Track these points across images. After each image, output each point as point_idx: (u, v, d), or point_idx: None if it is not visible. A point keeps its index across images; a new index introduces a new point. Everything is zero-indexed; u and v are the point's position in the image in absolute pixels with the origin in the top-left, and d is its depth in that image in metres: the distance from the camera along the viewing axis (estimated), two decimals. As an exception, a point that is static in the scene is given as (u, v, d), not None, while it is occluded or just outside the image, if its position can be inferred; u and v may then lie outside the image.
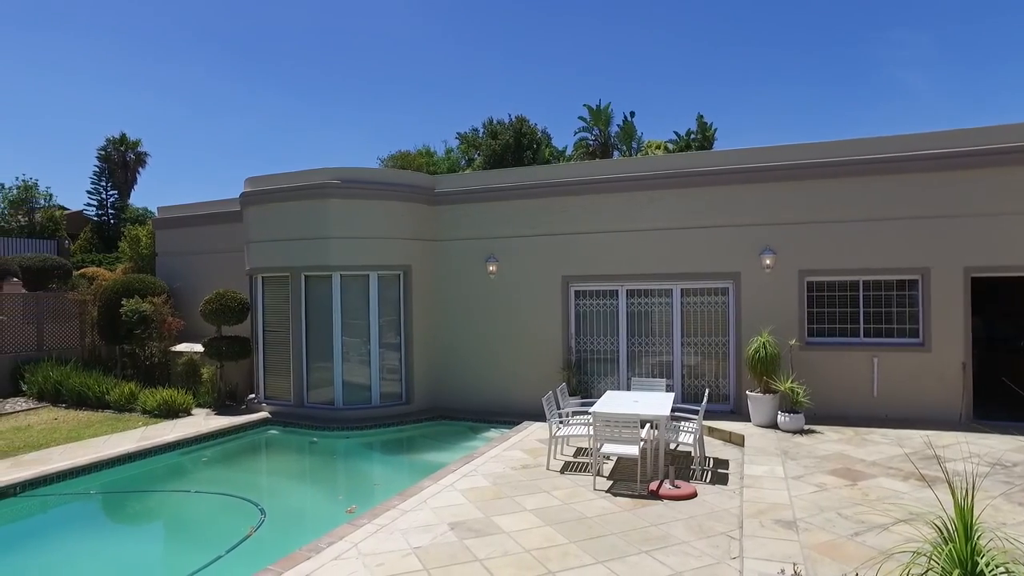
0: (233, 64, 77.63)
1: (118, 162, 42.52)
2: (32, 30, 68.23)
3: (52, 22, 68.63)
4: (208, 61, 75.98)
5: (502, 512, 7.17)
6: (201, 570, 6.60)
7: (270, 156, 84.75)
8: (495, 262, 13.21)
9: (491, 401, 13.20)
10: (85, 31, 70.08)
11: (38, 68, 71.49)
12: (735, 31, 65.04)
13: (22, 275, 18.30)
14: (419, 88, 79.26)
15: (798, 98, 66.22)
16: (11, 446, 10.55)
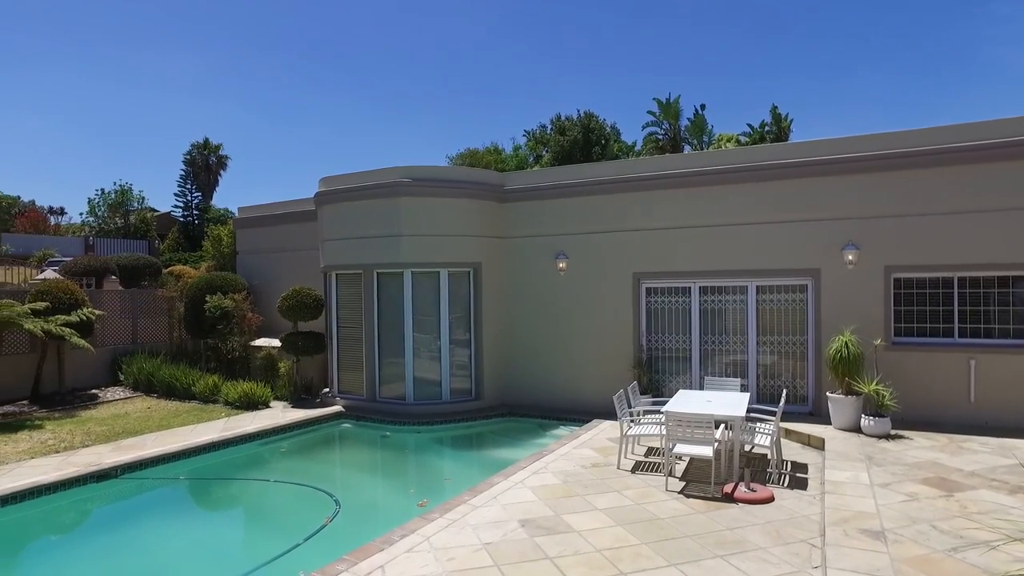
0: (306, 70, 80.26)
1: (201, 165, 44.71)
2: (124, 48, 72.60)
3: (142, 41, 72.81)
4: (282, 68, 78.88)
5: (573, 511, 7.10)
6: (280, 557, 6.82)
7: (342, 156, 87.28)
8: (565, 259, 13.12)
9: (560, 398, 13.13)
10: (172, 48, 74.00)
11: (130, 83, 76.07)
12: (811, 17, 62.48)
13: (119, 273, 19.49)
14: (487, 86, 79.80)
15: (880, 86, 63.12)
16: (112, 431, 11.23)
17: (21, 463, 9.38)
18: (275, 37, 76.71)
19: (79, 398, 14.50)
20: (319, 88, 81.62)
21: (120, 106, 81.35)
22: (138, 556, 7.32)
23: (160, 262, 22.91)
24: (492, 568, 5.68)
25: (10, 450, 10.10)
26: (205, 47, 75.75)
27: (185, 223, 42.51)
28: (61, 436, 10.97)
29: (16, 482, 8.45)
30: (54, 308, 13.59)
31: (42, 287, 14.35)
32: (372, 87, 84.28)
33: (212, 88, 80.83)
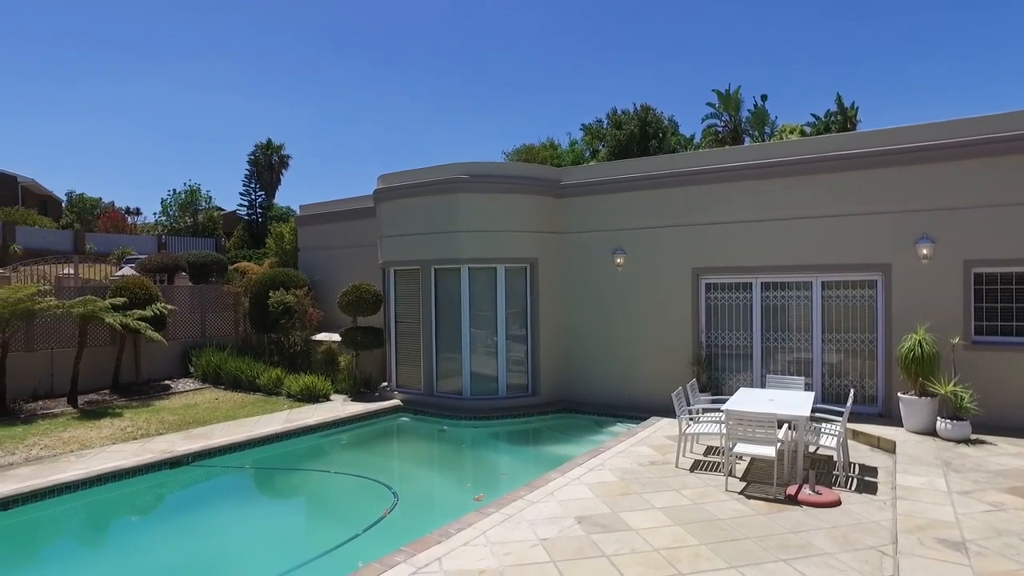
0: (364, 70, 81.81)
1: (265, 165, 46.16)
2: (192, 56, 75.55)
3: (209, 48, 75.63)
4: (341, 68, 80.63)
5: (630, 508, 7.02)
6: (340, 547, 6.98)
7: (400, 154, 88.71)
8: (622, 254, 12.96)
9: (617, 395, 13.00)
10: (236, 53, 76.63)
11: (198, 88, 79.18)
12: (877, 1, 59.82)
13: (189, 270, 20.35)
14: (542, 82, 79.61)
15: (951, 72, 59.91)
16: (183, 421, 11.73)
17: (104, 448, 9.90)
18: (333, 38, 78.50)
19: (153, 388, 15.20)
20: (376, 87, 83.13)
21: (190, 110, 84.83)
22: (207, 539, 7.63)
23: (226, 259, 23.78)
24: (549, 564, 5.66)
25: (95, 435, 10.68)
26: (267, 51, 78.20)
27: (249, 221, 43.98)
28: (138, 424, 11.52)
29: (102, 465, 8.96)
30: (131, 303, 14.27)
31: (120, 283, 15.10)
32: (428, 85, 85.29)
33: (274, 90, 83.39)
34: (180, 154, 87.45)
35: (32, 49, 74.58)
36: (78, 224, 42.02)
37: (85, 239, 35.33)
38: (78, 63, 78.49)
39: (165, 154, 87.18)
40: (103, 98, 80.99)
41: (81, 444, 10.17)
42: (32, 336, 13.90)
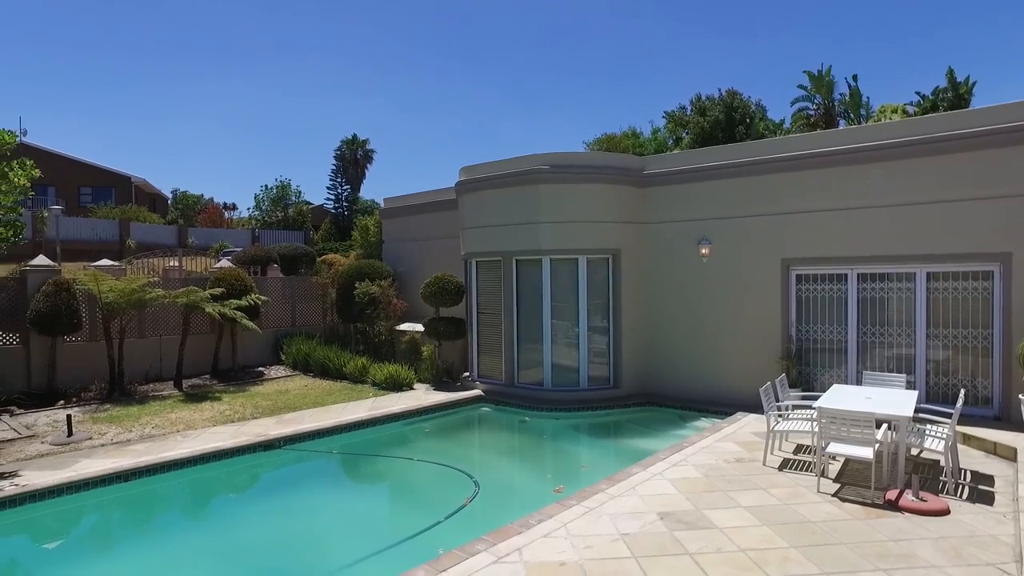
0: (445, 64, 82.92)
1: (350, 160, 47.67)
2: (282, 57, 78.77)
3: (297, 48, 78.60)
4: (423, 63, 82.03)
5: (714, 506, 6.81)
6: (422, 533, 7.13)
7: (482, 146, 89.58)
8: (708, 244, 12.56)
9: (701, 389, 12.65)
10: (324, 52, 79.35)
11: (289, 87, 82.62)
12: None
13: (280, 262, 21.27)
14: (622, 69, 78.31)
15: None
16: (275, 406, 12.30)
17: (206, 429, 10.52)
18: (415, 34, 79.95)
19: (248, 374, 16.02)
20: (458, 80, 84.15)
21: (281, 109, 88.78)
22: (296, 520, 7.96)
23: (314, 251, 24.70)
24: (630, 560, 5.57)
25: (197, 417, 11.37)
26: (352, 49, 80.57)
27: (336, 214, 45.57)
28: (235, 408, 12.17)
29: (204, 445, 9.54)
30: (228, 294, 15.08)
31: (218, 275, 15.97)
32: (509, 76, 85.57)
33: (359, 87, 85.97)
34: (272, 151, 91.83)
35: (141, 58, 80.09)
36: (182, 220, 44.89)
37: (188, 233, 37.73)
38: (181, 69, 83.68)
39: (258, 151, 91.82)
40: (203, 101, 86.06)
41: (186, 425, 10.84)
42: (144, 324, 14.93)
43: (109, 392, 13.24)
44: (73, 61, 79.07)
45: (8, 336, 13.14)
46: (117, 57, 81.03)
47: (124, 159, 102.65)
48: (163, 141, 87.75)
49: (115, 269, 15.48)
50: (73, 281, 13.37)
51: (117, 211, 36.96)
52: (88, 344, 13.89)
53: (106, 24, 77.64)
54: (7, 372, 12.66)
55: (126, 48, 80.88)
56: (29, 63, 76.58)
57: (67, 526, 7.91)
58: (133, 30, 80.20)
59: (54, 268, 13.83)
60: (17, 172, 9.24)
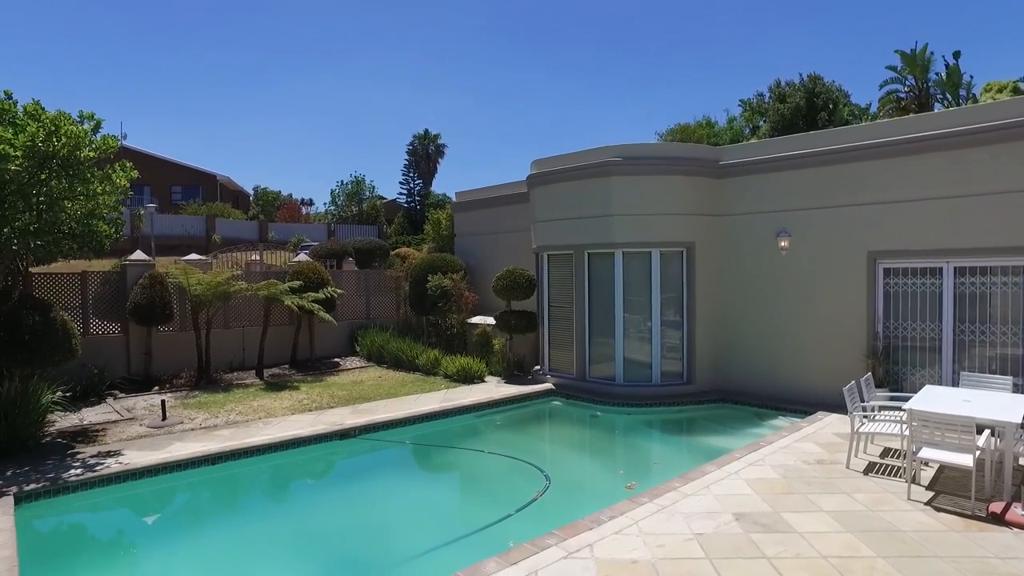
0: (515, 56, 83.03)
1: (422, 154, 48.46)
2: (352, 54, 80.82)
3: (372, 42, 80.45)
4: (493, 55, 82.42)
5: (793, 509, 6.54)
6: (493, 525, 7.16)
7: (553, 139, 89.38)
8: (787, 237, 12.06)
9: (779, 387, 12.19)
10: (396, 46, 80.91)
11: (361, 84, 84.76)
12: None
13: (355, 255, 21.87)
14: (697, 57, 76.33)
15: None
16: (351, 396, 12.66)
17: (285, 418, 10.93)
18: (487, 26, 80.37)
19: (325, 365, 16.55)
20: (529, 73, 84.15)
21: (355, 106, 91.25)
22: (370, 507, 8.18)
23: (388, 245, 25.26)
24: (704, 560, 5.42)
25: (277, 406, 11.83)
26: (424, 43, 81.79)
27: (408, 208, 46.44)
28: (312, 397, 12.60)
29: (283, 432, 9.91)
30: (306, 286, 15.61)
31: (297, 268, 16.55)
32: (581, 67, 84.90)
33: (430, 81, 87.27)
34: (347, 147, 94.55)
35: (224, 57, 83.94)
36: (262, 215, 46.88)
37: (268, 228, 39.39)
38: (261, 67, 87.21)
39: (334, 148, 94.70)
40: (282, 98, 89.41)
41: (267, 412, 11.30)
42: (228, 315, 15.65)
43: (197, 379, 13.98)
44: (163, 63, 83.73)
45: (111, 326, 14.06)
46: (202, 57, 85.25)
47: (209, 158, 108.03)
48: (245, 139, 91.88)
49: (202, 263, 16.33)
50: (165, 275, 14.16)
51: (204, 208, 38.99)
52: (179, 334, 14.69)
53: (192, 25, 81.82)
54: (111, 359, 13.55)
55: (211, 48, 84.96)
56: (122, 66, 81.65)
57: (162, 503, 8.41)
58: (217, 31, 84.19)
59: (149, 262, 14.68)
60: (119, 174, 9.83)
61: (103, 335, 13.90)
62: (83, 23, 74.80)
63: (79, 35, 76.73)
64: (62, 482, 7.78)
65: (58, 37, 74.71)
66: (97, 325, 13.89)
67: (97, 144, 9.20)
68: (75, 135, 8.72)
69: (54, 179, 8.87)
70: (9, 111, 8.89)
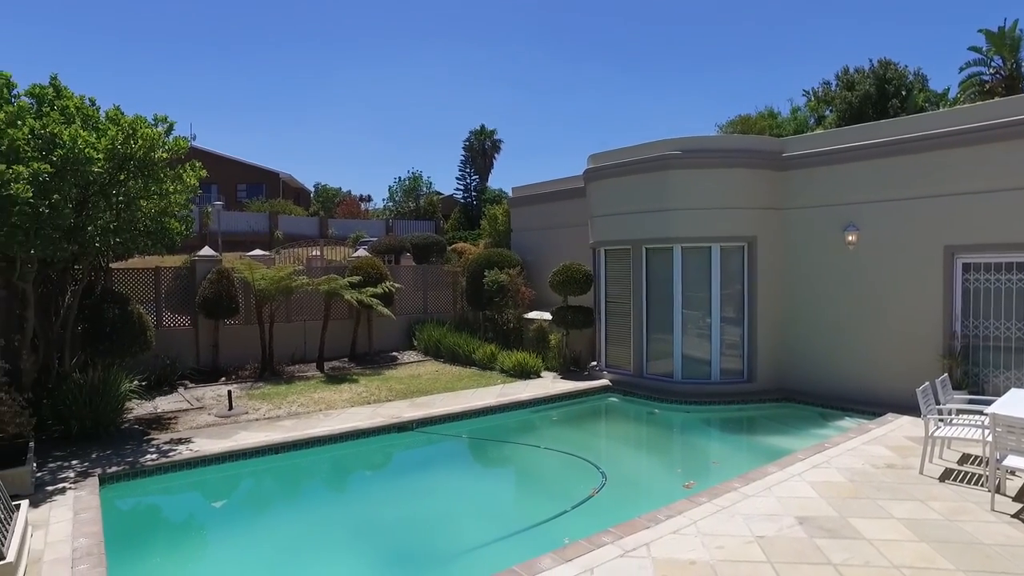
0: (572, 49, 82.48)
1: (478, 150, 48.69)
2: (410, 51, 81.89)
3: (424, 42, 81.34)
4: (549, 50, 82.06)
5: (862, 515, 6.28)
6: (548, 521, 7.14)
7: (610, 133, 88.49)
8: (854, 231, 11.57)
9: (846, 386, 11.73)
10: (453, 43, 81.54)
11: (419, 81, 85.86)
12: None
13: (412, 251, 22.20)
14: (759, 46, 74.14)
15: None
16: (408, 389, 12.85)
17: (345, 410, 11.19)
18: (540, 21, 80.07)
19: (383, 359, 16.85)
20: (585, 66, 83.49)
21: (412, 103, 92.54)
22: (426, 500, 8.26)
23: (445, 240, 25.52)
24: (765, 564, 5.27)
25: (337, 398, 12.11)
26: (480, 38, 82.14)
27: (465, 204, 46.79)
28: (371, 390, 12.84)
29: (343, 424, 10.14)
30: (365, 281, 15.91)
31: (356, 263, 16.89)
32: (638, 60, 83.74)
33: (486, 76, 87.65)
34: (404, 143, 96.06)
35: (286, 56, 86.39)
36: (322, 211, 48.10)
37: (328, 224, 40.37)
38: (321, 67, 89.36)
39: (392, 144, 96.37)
40: (342, 96, 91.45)
41: (327, 405, 11.59)
42: (290, 309, 16.11)
43: (261, 371, 14.46)
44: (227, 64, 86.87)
45: (182, 319, 14.69)
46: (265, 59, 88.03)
47: (272, 156, 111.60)
48: (306, 138, 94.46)
49: (265, 259, 16.85)
50: (231, 270, 14.68)
51: (267, 205, 40.26)
52: (243, 327, 15.21)
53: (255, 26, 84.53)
54: (181, 351, 14.16)
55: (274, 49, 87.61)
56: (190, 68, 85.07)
57: (229, 489, 8.75)
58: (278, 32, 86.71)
59: (217, 258, 15.25)
60: (189, 174, 10.26)
61: (174, 328, 14.54)
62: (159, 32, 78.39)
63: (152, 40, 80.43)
64: (139, 466, 8.19)
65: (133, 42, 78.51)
66: (169, 318, 14.54)
67: (170, 145, 9.60)
68: (150, 137, 9.12)
69: (131, 179, 9.29)
70: (92, 116, 9.40)
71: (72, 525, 6.34)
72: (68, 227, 8.52)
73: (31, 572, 5.43)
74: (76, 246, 8.89)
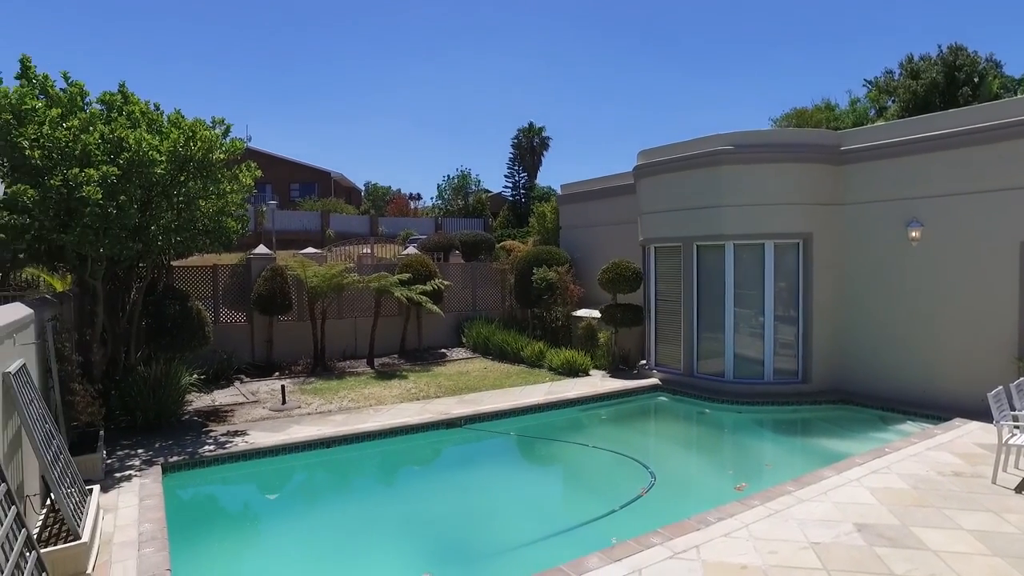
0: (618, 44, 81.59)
1: (527, 148, 48.72)
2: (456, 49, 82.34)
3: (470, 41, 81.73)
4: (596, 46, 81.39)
5: (926, 524, 6.02)
6: (597, 519, 7.11)
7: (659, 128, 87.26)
8: (918, 227, 11.08)
9: (908, 389, 11.26)
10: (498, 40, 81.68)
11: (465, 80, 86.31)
12: None
13: (461, 248, 22.35)
14: (815, 35, 71.88)
15: None
16: (456, 386, 12.94)
17: (394, 406, 11.34)
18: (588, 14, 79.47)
19: (432, 355, 17.01)
20: (634, 62, 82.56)
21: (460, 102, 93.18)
22: (474, 496, 8.32)
23: (493, 238, 25.60)
24: (820, 572, 5.11)
25: (387, 394, 12.30)
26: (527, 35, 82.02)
27: (514, 201, 46.89)
28: (420, 386, 12.99)
29: (392, 420, 10.29)
30: (414, 279, 16.09)
31: (405, 261, 17.10)
32: (688, 54, 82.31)
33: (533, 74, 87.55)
34: (453, 142, 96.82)
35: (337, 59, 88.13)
36: (373, 210, 48.94)
37: (378, 223, 41.05)
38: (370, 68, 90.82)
39: (440, 143, 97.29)
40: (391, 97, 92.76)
41: (377, 400, 11.77)
42: (341, 306, 16.43)
43: (313, 367, 14.79)
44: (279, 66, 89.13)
45: (238, 315, 15.15)
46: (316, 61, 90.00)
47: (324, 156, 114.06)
48: (357, 137, 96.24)
49: (317, 256, 17.21)
50: (285, 267, 15.06)
51: (319, 204, 41.16)
52: (296, 323, 15.58)
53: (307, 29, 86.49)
54: (237, 346, 14.61)
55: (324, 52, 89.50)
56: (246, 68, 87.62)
57: (282, 481, 8.98)
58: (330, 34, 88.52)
59: (271, 256, 15.66)
60: (245, 174, 10.60)
61: (231, 323, 15.01)
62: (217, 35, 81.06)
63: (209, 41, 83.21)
64: (199, 456, 8.50)
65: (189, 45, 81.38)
66: (226, 314, 15.02)
67: (227, 147, 9.91)
68: (209, 139, 9.43)
69: (191, 180, 9.63)
70: (156, 120, 9.80)
71: (138, 511, 6.64)
72: (133, 226, 8.89)
73: (103, 552, 5.71)
74: (140, 245, 9.26)
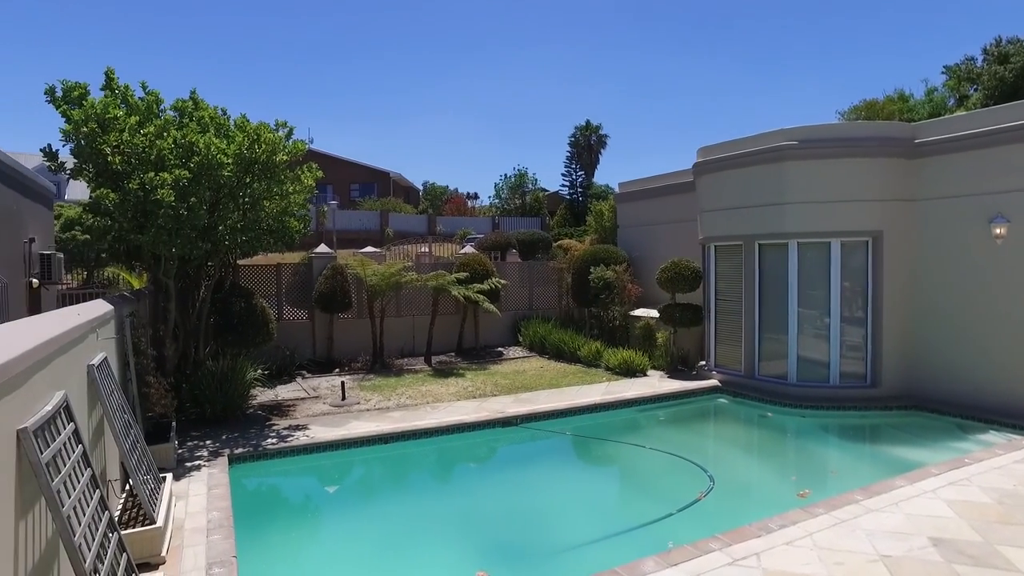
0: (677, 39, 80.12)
1: (584, 146, 48.42)
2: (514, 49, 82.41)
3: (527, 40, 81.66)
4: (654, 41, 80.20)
5: (1013, 542, 5.65)
6: (654, 522, 6.99)
7: (721, 123, 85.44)
8: (1003, 223, 10.42)
9: (989, 396, 10.61)
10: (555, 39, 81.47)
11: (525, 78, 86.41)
12: None
13: (518, 247, 22.38)
14: (885, 24, 68.87)
15: None
16: (513, 385, 12.96)
17: (451, 404, 11.43)
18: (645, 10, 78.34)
19: (488, 354, 17.08)
20: (693, 56, 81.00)
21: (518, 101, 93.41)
22: (529, 495, 8.31)
23: (550, 237, 25.54)
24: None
25: (444, 391, 12.42)
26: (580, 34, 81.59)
27: (571, 200, 46.69)
28: (476, 384, 13.06)
29: (449, 417, 10.38)
30: (471, 277, 16.20)
31: (463, 260, 17.23)
32: (749, 47, 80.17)
33: (591, 72, 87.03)
34: (510, 141, 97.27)
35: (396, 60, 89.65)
36: (431, 209, 49.55)
37: (436, 222, 41.56)
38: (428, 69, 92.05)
39: (498, 142, 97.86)
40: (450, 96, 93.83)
41: (434, 398, 11.89)
42: (399, 304, 16.68)
43: (372, 364, 15.07)
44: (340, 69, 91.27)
45: (300, 313, 15.60)
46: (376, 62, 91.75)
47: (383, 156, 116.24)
48: (415, 137, 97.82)
49: (377, 255, 17.52)
50: (345, 266, 15.40)
51: (378, 203, 41.99)
52: (355, 321, 15.91)
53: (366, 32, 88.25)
54: (299, 342, 15.03)
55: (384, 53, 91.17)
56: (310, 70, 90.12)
57: (342, 475, 9.20)
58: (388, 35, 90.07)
59: (332, 255, 16.04)
60: (307, 175, 10.92)
61: (293, 321, 15.45)
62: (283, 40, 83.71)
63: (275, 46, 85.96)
64: (262, 449, 8.79)
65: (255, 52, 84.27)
66: (289, 312, 15.47)
67: (289, 148, 10.21)
68: (272, 142, 9.74)
69: (256, 182, 9.97)
70: (224, 125, 10.19)
71: (206, 499, 6.92)
72: (203, 227, 9.27)
73: (175, 537, 5.99)
74: (209, 244, 9.65)
